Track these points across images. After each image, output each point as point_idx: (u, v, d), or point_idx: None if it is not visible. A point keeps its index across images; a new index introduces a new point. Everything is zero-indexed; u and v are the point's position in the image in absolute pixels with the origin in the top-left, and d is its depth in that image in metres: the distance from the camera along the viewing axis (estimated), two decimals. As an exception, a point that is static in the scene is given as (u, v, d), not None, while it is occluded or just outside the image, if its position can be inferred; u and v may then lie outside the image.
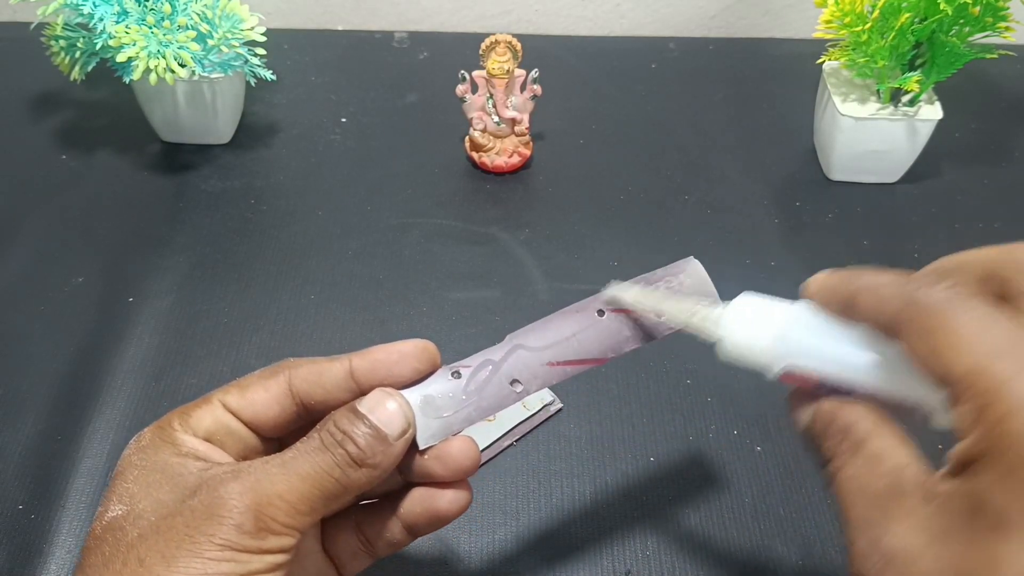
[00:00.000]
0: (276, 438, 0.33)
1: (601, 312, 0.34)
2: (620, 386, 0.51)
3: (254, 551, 0.28)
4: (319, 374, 0.32)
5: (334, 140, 0.69)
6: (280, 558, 0.28)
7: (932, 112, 0.62)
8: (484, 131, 0.64)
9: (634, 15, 0.82)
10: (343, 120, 0.71)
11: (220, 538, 0.27)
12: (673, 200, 0.64)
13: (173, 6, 0.59)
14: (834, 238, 0.61)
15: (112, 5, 0.58)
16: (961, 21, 0.58)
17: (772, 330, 0.30)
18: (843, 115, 0.62)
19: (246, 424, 0.32)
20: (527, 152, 0.65)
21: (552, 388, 0.50)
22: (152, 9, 0.58)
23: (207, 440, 0.31)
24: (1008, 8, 0.57)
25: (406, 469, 0.32)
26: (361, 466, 0.30)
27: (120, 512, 0.29)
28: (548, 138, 0.69)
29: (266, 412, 0.32)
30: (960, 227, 0.63)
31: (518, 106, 0.64)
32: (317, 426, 0.31)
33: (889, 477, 0.25)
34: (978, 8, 0.56)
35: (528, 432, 0.49)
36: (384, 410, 0.31)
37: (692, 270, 0.36)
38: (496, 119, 0.64)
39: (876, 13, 0.57)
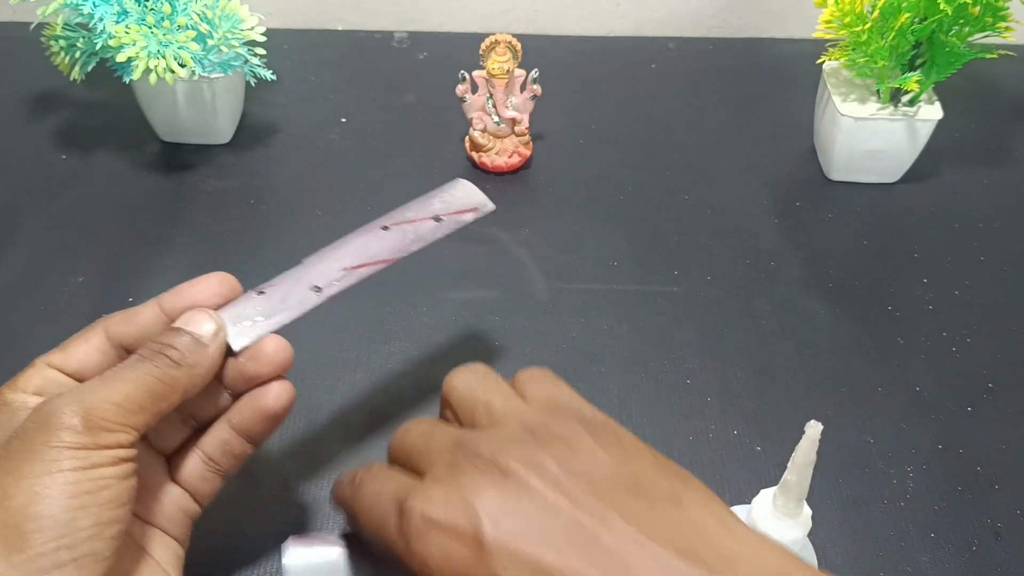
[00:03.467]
0: None
1: (386, 228, 0.41)
2: (620, 386, 0.51)
3: (91, 447, 0.29)
4: (131, 315, 0.36)
5: (334, 140, 0.69)
6: (122, 452, 0.30)
7: (932, 112, 0.62)
8: (484, 131, 0.64)
9: (634, 15, 0.82)
10: (343, 120, 0.71)
11: (55, 441, 0.29)
12: (673, 200, 0.64)
13: (173, 6, 0.59)
14: (834, 238, 0.61)
15: (112, 5, 0.58)
16: (961, 21, 0.58)
17: None
18: (843, 115, 0.62)
19: (72, 377, 0.34)
20: (527, 152, 0.65)
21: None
22: (152, 9, 0.59)
23: (37, 395, 0.33)
24: (1008, 8, 0.57)
25: (229, 379, 0.35)
26: (181, 365, 0.33)
27: None
28: (548, 138, 0.69)
29: (88, 361, 0.35)
30: (960, 227, 0.63)
31: (518, 106, 0.64)
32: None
33: None
34: (978, 8, 0.56)
35: (528, 432, 0.49)
36: (196, 321, 0.34)
37: (461, 186, 0.43)
38: (496, 119, 0.64)
39: (876, 13, 0.57)
